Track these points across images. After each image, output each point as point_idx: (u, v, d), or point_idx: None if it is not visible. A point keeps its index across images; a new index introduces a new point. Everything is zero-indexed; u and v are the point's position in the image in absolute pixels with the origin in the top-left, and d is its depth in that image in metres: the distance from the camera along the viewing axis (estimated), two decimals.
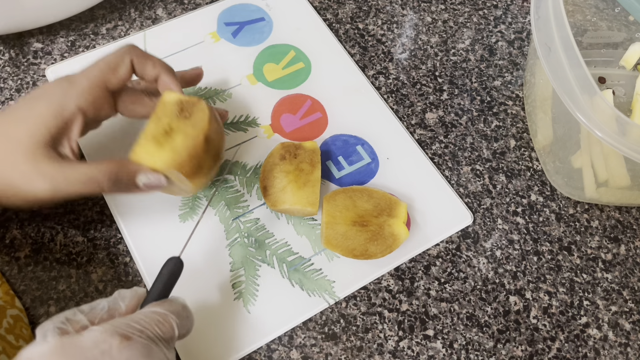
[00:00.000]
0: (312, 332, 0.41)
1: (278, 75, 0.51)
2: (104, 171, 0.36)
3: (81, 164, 0.36)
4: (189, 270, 0.42)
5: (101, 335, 0.29)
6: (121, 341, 0.29)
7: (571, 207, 0.47)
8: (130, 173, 0.36)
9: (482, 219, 0.46)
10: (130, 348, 0.29)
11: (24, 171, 0.35)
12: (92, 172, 0.35)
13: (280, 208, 0.42)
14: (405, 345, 0.41)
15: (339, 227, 0.41)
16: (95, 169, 0.36)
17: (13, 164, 0.35)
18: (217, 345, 0.39)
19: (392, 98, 0.51)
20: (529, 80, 0.50)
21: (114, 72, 0.38)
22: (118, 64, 0.38)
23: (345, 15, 0.56)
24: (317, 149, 0.44)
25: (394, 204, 0.42)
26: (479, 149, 0.49)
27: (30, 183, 0.35)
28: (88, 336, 0.29)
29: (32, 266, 0.41)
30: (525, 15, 0.58)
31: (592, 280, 0.44)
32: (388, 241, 0.41)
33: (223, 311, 0.40)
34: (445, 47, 0.55)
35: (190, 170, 0.38)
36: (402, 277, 0.43)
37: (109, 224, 0.43)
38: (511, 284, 0.44)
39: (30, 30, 0.51)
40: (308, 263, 0.43)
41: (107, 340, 0.29)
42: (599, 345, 0.42)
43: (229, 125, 0.48)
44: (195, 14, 0.54)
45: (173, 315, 0.33)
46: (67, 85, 0.37)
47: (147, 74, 0.39)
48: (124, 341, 0.29)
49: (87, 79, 0.37)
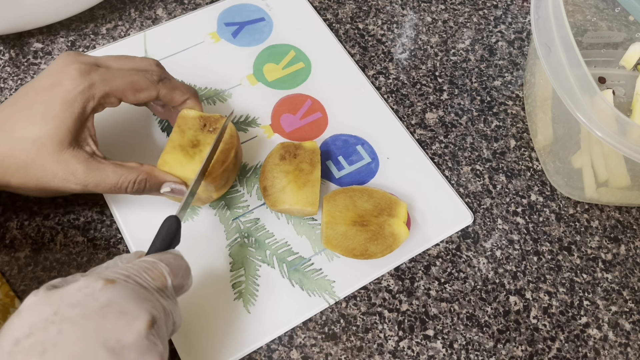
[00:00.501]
0: (312, 332, 0.41)
1: (278, 75, 0.51)
2: (134, 179, 0.38)
3: (110, 168, 0.37)
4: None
5: (85, 281, 0.29)
6: (105, 284, 0.29)
7: (571, 207, 0.47)
8: (158, 183, 0.39)
9: (482, 219, 0.46)
10: (114, 289, 0.29)
11: (56, 173, 0.36)
12: (121, 179, 0.38)
13: (280, 208, 0.42)
14: (405, 345, 0.41)
15: (339, 227, 0.41)
16: (125, 175, 0.38)
17: (43, 167, 0.36)
18: (217, 345, 0.39)
19: (392, 98, 0.51)
20: (529, 80, 0.50)
21: (134, 94, 0.38)
22: (143, 90, 0.39)
23: (345, 15, 0.56)
24: (316, 148, 0.44)
25: (394, 203, 0.42)
26: (479, 149, 0.49)
27: (64, 184, 0.37)
28: (73, 284, 0.29)
29: (32, 266, 0.41)
30: (525, 15, 0.58)
31: (592, 280, 0.44)
32: (388, 241, 0.41)
33: (223, 311, 0.40)
34: (445, 47, 0.55)
35: (220, 183, 0.41)
36: (402, 277, 0.43)
37: (109, 224, 0.43)
38: (511, 284, 0.44)
39: (30, 30, 0.51)
40: (308, 263, 0.43)
41: (91, 284, 0.29)
42: (599, 345, 0.42)
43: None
44: (195, 14, 0.54)
45: (162, 263, 0.32)
46: (86, 89, 0.36)
47: (174, 101, 0.41)
48: (108, 284, 0.29)
49: (108, 87, 0.37)
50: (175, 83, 0.41)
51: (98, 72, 0.37)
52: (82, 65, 0.37)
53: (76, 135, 0.37)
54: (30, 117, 0.36)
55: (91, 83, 0.37)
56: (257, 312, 0.41)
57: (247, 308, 0.41)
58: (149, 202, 0.44)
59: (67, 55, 0.38)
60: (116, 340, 0.27)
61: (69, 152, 0.36)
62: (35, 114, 0.36)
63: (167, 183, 0.39)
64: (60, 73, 0.37)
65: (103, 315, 0.27)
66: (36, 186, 0.37)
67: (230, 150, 0.40)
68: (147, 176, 0.38)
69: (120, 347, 0.27)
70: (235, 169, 0.43)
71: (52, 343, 0.26)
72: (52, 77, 0.37)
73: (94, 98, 0.37)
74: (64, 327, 0.27)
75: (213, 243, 0.43)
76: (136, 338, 0.28)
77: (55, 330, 0.27)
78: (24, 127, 0.36)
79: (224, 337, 0.40)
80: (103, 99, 0.37)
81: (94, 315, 0.27)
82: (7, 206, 0.43)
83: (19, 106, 0.37)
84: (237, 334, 0.40)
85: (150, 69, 0.40)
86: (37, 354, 0.26)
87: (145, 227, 0.43)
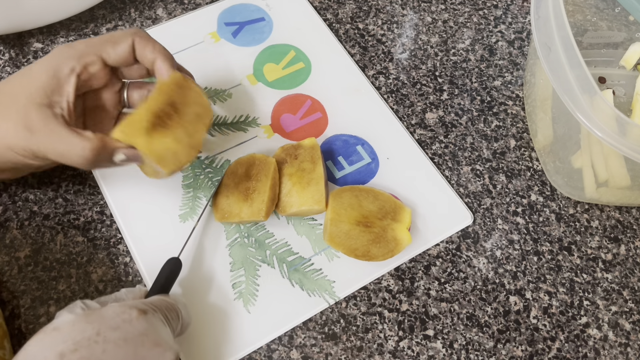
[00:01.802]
0: (312, 332, 0.41)
1: (278, 75, 0.51)
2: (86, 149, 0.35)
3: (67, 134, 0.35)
4: (189, 270, 0.42)
5: (121, 308, 0.32)
6: (139, 313, 0.32)
7: (571, 207, 0.47)
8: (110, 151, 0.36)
9: (482, 219, 0.46)
10: (147, 320, 0.32)
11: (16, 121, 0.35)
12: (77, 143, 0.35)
13: (289, 212, 0.42)
14: (405, 345, 0.41)
15: (343, 225, 0.41)
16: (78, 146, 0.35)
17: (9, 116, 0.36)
18: (217, 345, 0.39)
19: (392, 98, 0.51)
20: (529, 80, 0.50)
21: (113, 46, 0.39)
22: (119, 39, 0.39)
23: (345, 15, 0.56)
24: (316, 145, 0.44)
25: (399, 208, 0.43)
26: (479, 149, 0.49)
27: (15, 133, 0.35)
28: (109, 309, 0.32)
29: (32, 266, 0.41)
30: (525, 15, 0.58)
31: (592, 280, 0.44)
32: (390, 245, 0.41)
33: (223, 311, 0.40)
34: (445, 47, 0.55)
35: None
36: (402, 277, 0.43)
37: (109, 224, 0.43)
38: (511, 284, 0.44)
39: (30, 30, 0.51)
40: (308, 263, 0.43)
41: (127, 311, 0.32)
42: (599, 345, 0.42)
43: (229, 125, 0.48)
44: (195, 14, 0.54)
45: (179, 306, 0.36)
46: (65, 49, 0.38)
47: (146, 57, 0.40)
48: (142, 314, 0.32)
49: (85, 45, 0.38)
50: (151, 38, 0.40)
51: (79, 40, 0.39)
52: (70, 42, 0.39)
53: (49, 95, 0.36)
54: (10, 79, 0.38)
55: (69, 45, 0.38)
56: (257, 312, 0.41)
57: (247, 308, 0.41)
58: (149, 202, 0.44)
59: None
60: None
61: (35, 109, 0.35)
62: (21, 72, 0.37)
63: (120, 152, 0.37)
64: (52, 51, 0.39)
65: (142, 342, 0.31)
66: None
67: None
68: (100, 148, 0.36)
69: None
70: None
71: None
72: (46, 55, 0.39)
73: (72, 57, 0.37)
74: (108, 347, 0.30)
75: (213, 243, 0.43)
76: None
77: (99, 350, 0.29)
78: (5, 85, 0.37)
79: (224, 337, 0.40)
80: (83, 58, 0.38)
81: (133, 340, 0.31)
82: (7, 206, 0.43)
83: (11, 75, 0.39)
84: (237, 334, 0.40)
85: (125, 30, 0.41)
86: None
87: (145, 227, 0.43)
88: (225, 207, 0.42)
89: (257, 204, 0.41)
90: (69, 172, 0.45)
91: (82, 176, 0.45)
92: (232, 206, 0.42)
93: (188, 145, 0.37)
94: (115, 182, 0.45)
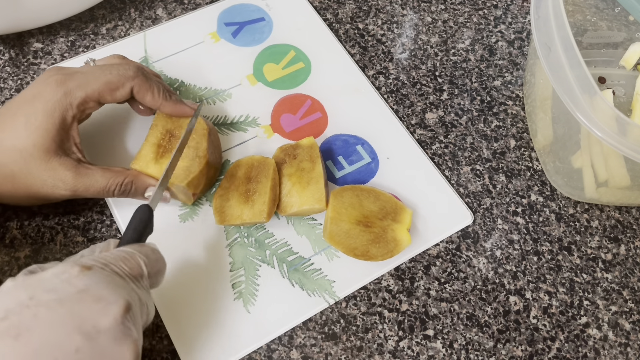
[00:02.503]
0: (312, 332, 0.41)
1: (278, 75, 0.51)
2: (121, 182, 0.39)
3: (98, 172, 0.39)
4: (189, 270, 0.42)
5: (62, 267, 0.29)
6: (81, 270, 0.29)
7: (571, 207, 0.47)
8: (143, 186, 0.40)
9: (482, 219, 0.46)
10: (91, 275, 0.29)
11: (45, 180, 0.37)
12: (109, 182, 0.39)
13: (290, 212, 0.42)
14: (405, 345, 0.41)
15: (343, 224, 0.41)
16: (112, 178, 0.39)
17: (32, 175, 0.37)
18: (217, 345, 0.39)
19: (392, 98, 0.51)
20: (529, 80, 0.50)
21: (111, 93, 0.39)
22: (118, 87, 0.39)
23: (345, 15, 0.56)
24: (314, 144, 0.44)
25: (400, 209, 0.43)
26: (479, 149, 0.49)
27: (53, 191, 0.38)
28: (49, 270, 0.29)
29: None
30: (525, 15, 0.58)
31: (592, 280, 0.44)
32: (390, 245, 0.41)
33: (223, 311, 0.40)
34: (445, 47, 0.55)
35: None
36: (402, 277, 0.43)
37: (109, 224, 0.43)
38: (511, 284, 0.44)
39: (30, 30, 0.51)
40: (308, 263, 0.43)
41: (67, 270, 0.29)
42: (599, 345, 0.42)
43: (229, 125, 0.48)
44: (195, 14, 0.54)
45: (141, 254, 0.33)
46: (63, 97, 0.38)
47: (147, 104, 0.41)
48: (84, 270, 0.29)
49: (83, 92, 0.38)
50: (151, 84, 0.40)
51: (74, 79, 0.38)
52: (61, 75, 0.38)
53: (61, 143, 0.38)
54: (15, 128, 0.37)
55: (67, 90, 0.38)
56: (257, 312, 0.41)
57: (247, 308, 0.41)
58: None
59: (50, 70, 0.39)
60: (91, 325, 0.27)
61: (56, 160, 0.37)
62: (19, 125, 0.37)
63: (151, 187, 0.41)
64: (41, 84, 0.38)
65: (79, 300, 0.28)
66: (26, 194, 0.38)
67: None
68: (134, 179, 0.40)
69: (96, 332, 0.27)
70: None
71: (26, 327, 0.27)
72: (34, 89, 0.38)
73: (72, 106, 0.38)
74: (39, 311, 0.27)
75: (213, 243, 0.43)
76: (112, 323, 0.28)
77: (30, 315, 0.27)
78: (10, 138, 0.37)
79: (224, 337, 0.40)
80: (81, 105, 0.38)
81: (70, 300, 0.28)
82: (7, 206, 0.43)
83: (4, 118, 0.38)
84: (237, 334, 0.40)
85: (126, 63, 0.41)
86: (11, 338, 0.26)
87: None
88: (225, 210, 0.42)
89: (258, 205, 0.41)
90: None
91: None
92: (233, 209, 0.42)
93: (195, 156, 0.41)
94: None
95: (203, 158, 0.41)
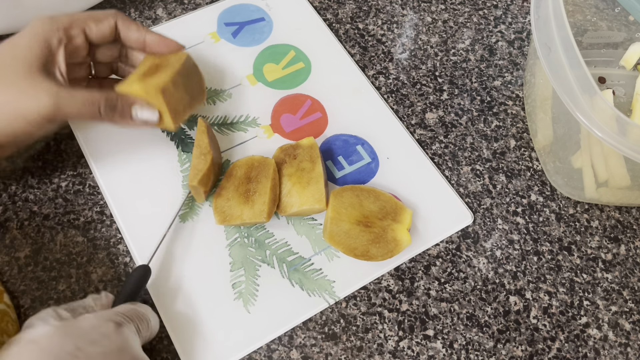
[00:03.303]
0: (312, 332, 0.41)
1: (278, 75, 0.51)
2: (104, 95, 0.38)
3: (82, 88, 0.38)
4: (189, 270, 0.42)
5: (97, 320, 0.33)
6: (115, 327, 0.33)
7: (571, 207, 0.47)
8: (128, 102, 0.39)
9: (482, 219, 0.46)
10: (124, 334, 0.33)
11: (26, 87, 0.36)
12: (93, 94, 0.38)
13: (290, 212, 0.42)
14: (405, 345, 0.41)
15: (343, 224, 0.41)
16: (95, 92, 0.38)
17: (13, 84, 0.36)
18: (217, 345, 0.39)
19: (392, 98, 0.51)
20: (529, 80, 0.50)
21: (96, 23, 0.40)
22: (102, 18, 0.40)
23: (345, 15, 0.56)
24: (314, 144, 0.44)
25: (400, 209, 0.43)
26: (479, 149, 0.49)
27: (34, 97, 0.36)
28: (85, 321, 0.32)
29: (32, 266, 0.41)
30: (525, 15, 0.58)
31: (592, 280, 0.44)
32: (390, 245, 0.41)
33: (223, 311, 0.40)
34: (445, 47, 0.55)
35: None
36: (402, 277, 0.43)
37: (109, 224, 0.43)
38: (511, 284, 0.44)
39: None
40: (308, 263, 0.43)
41: (104, 325, 0.32)
42: (599, 345, 0.42)
43: (229, 125, 0.48)
44: (195, 14, 0.54)
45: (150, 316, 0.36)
46: (49, 21, 0.38)
47: (132, 37, 0.41)
48: (118, 327, 0.33)
49: (68, 18, 0.39)
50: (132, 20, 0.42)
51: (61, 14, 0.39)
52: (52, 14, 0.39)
53: (45, 63, 0.37)
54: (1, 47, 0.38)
55: (53, 17, 0.39)
56: (257, 312, 0.41)
57: (247, 308, 0.41)
58: (149, 202, 0.44)
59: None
60: None
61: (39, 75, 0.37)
62: (4, 45, 0.38)
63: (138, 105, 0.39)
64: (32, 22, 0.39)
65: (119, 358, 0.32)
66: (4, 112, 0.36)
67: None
68: (117, 95, 0.39)
69: None
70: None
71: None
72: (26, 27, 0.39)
73: (59, 30, 0.38)
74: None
75: (213, 243, 0.43)
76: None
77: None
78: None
79: (224, 337, 0.40)
80: (67, 30, 0.39)
81: (112, 355, 0.31)
82: (7, 206, 0.43)
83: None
84: (237, 334, 0.40)
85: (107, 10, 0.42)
86: None
87: (145, 227, 0.43)
88: (225, 210, 0.42)
89: (258, 205, 0.41)
90: (69, 172, 0.45)
91: (82, 176, 0.45)
92: (233, 209, 0.42)
93: (200, 154, 0.42)
94: (115, 183, 0.45)
95: (208, 155, 0.41)
